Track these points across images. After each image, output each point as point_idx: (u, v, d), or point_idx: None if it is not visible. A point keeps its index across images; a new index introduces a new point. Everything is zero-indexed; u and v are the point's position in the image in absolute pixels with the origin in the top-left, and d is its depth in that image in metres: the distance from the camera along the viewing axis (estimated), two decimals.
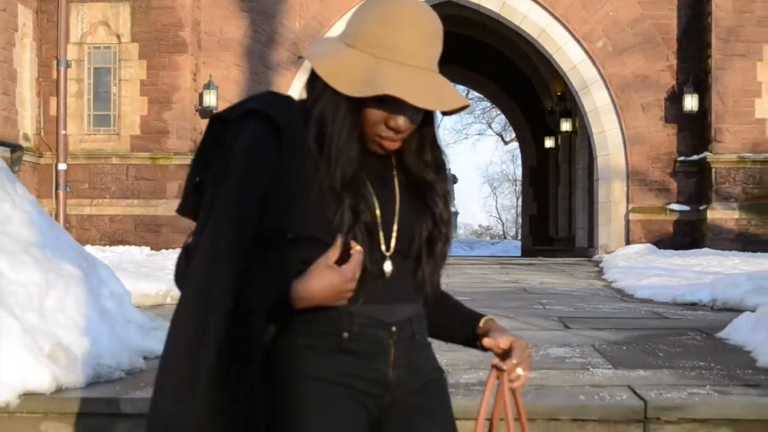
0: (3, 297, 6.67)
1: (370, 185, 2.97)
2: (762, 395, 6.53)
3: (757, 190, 21.23)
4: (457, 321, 3.28)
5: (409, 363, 3.03)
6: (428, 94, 2.83)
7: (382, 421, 3.06)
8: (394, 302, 3.00)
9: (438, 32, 2.93)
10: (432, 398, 3.13)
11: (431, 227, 3.02)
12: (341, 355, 2.94)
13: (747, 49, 21.29)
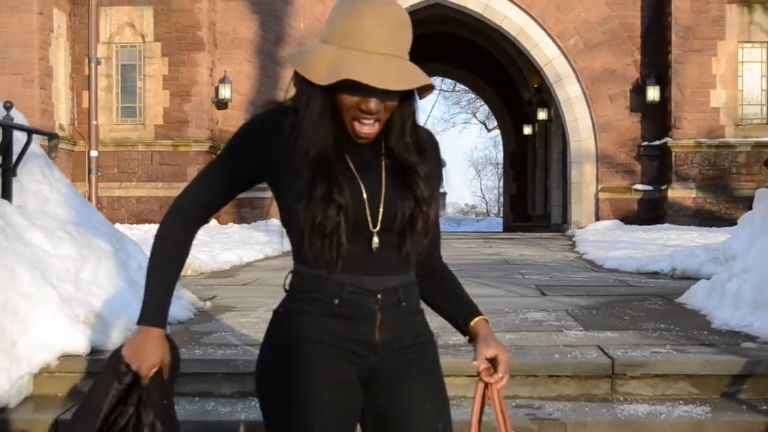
0: (42, 269, 6.69)
1: (357, 170, 3.01)
2: (716, 353, 6.56)
3: (711, 172, 21.24)
4: (452, 310, 3.31)
5: (394, 327, 3.06)
6: (386, 76, 2.83)
7: (371, 380, 3.09)
8: (381, 273, 3.03)
9: (401, 24, 2.93)
10: (420, 359, 3.14)
11: (413, 206, 3.01)
12: (332, 319, 2.99)
13: (703, 46, 21.28)
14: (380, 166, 3.06)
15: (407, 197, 3.02)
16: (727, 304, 7.90)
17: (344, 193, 2.93)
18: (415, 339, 3.14)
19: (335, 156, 2.99)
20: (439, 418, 3.14)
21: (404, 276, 3.10)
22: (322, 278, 3.00)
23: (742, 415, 5.71)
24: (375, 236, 3.00)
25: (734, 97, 21.42)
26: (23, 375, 6.04)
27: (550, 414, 5.68)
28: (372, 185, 3.02)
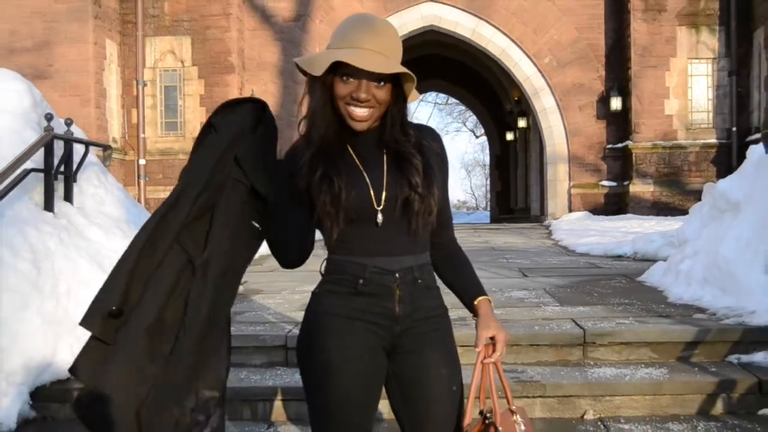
0: (99, 261, 6.69)
1: (360, 163, 3.06)
2: (671, 323, 6.55)
3: (666, 170, 21.20)
4: (461, 288, 3.28)
5: (412, 301, 3.06)
6: (368, 62, 2.91)
7: (393, 348, 3.10)
8: (396, 255, 3.04)
9: (386, 32, 3.03)
10: (435, 330, 3.14)
11: (408, 191, 3.02)
12: (358, 297, 3.01)
13: (657, 62, 21.23)
14: (381, 160, 3.08)
15: (403, 183, 3.02)
16: (681, 281, 7.89)
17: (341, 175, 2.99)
18: (431, 311, 3.14)
19: (336, 146, 3.06)
20: (452, 381, 3.13)
21: (418, 256, 3.11)
22: (347, 262, 3.05)
23: (694, 376, 5.71)
24: (379, 213, 3.01)
25: (685, 106, 21.40)
26: None
27: (532, 377, 5.69)
28: (374, 174, 3.05)
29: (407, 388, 3.14)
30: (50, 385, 5.68)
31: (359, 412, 3.08)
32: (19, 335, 5.59)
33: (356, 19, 3.05)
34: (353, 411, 3.06)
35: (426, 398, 3.13)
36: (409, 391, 3.14)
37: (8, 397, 5.30)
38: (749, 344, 6.10)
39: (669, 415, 5.47)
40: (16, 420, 5.29)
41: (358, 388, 3.03)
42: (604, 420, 5.41)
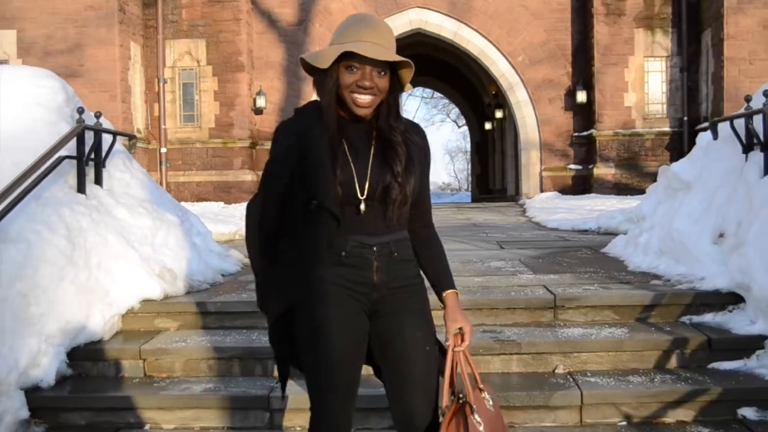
0: (126, 236, 6.68)
1: (350, 153, 3.09)
2: (631, 289, 6.56)
3: (626, 154, 21.23)
4: (432, 277, 3.32)
5: (389, 271, 3.14)
6: (373, 51, 2.96)
7: (374, 312, 3.18)
8: (374, 233, 3.11)
9: (382, 27, 3.09)
10: (410, 297, 3.22)
11: (390, 179, 3.08)
12: (341, 267, 3.09)
13: (617, 60, 21.22)
14: (369, 150, 3.12)
15: (386, 171, 3.08)
16: (639, 252, 7.90)
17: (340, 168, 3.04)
18: (407, 280, 3.22)
19: (337, 139, 3.09)
20: (426, 342, 3.22)
21: (395, 234, 3.16)
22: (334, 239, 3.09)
23: (651, 334, 5.72)
24: (362, 203, 3.07)
25: (642, 98, 21.41)
26: (114, 315, 6.05)
27: (509, 337, 5.70)
28: (361, 163, 3.09)
29: (386, 347, 3.21)
30: (84, 346, 5.68)
31: (344, 368, 3.13)
32: (56, 302, 5.59)
33: (356, 17, 3.11)
34: (339, 367, 3.11)
35: (401, 356, 3.19)
36: (387, 350, 3.21)
37: (47, 357, 5.31)
38: (699, 306, 6.11)
39: (629, 369, 5.48)
40: (55, 377, 5.29)
41: (343, 346, 3.09)
42: (573, 374, 5.41)
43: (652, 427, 4.86)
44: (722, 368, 5.39)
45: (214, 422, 5.06)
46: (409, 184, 3.11)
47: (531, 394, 5.02)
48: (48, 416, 5.09)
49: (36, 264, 5.63)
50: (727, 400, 4.96)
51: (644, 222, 8.32)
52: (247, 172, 21.53)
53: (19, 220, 5.76)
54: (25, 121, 6.94)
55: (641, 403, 4.99)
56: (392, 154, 3.10)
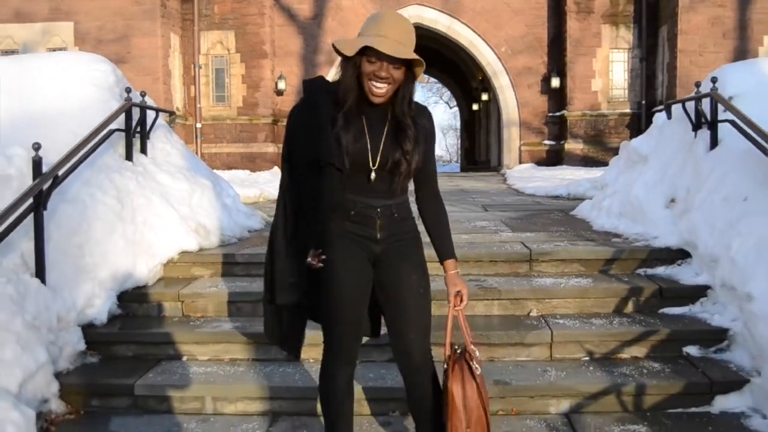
0: (167, 198, 6.69)
1: (368, 128, 3.16)
2: (596, 245, 6.57)
3: (592, 132, 21.21)
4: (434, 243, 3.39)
5: (389, 228, 3.24)
6: (390, 48, 2.99)
7: (377, 261, 3.29)
8: (380, 197, 3.20)
9: (404, 26, 3.10)
10: (408, 247, 3.32)
11: (400, 155, 3.16)
12: (350, 223, 3.20)
13: (587, 51, 21.15)
14: (384, 128, 3.17)
15: (397, 149, 3.15)
16: (603, 214, 7.90)
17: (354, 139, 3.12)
18: (404, 234, 3.32)
19: (356, 114, 3.14)
20: (420, 284, 3.33)
21: (397, 198, 3.25)
22: (345, 198, 3.19)
23: (612, 284, 5.74)
24: (372, 172, 3.15)
25: (607, 84, 21.35)
26: (156, 265, 6.07)
27: (491, 285, 5.71)
28: (375, 139, 3.15)
29: (386, 289, 3.31)
30: (131, 291, 5.71)
31: (350, 305, 3.25)
32: (107, 253, 5.62)
33: (384, 13, 3.13)
34: (346, 303, 3.24)
35: (399, 297, 3.30)
36: (387, 291, 3.31)
37: (101, 299, 5.34)
38: (653, 261, 6.12)
39: (592, 312, 5.50)
40: (107, 316, 5.33)
41: (349, 286, 3.22)
42: (545, 316, 5.43)
43: (610, 362, 4.89)
44: (671, 313, 5.42)
45: (241, 355, 5.10)
46: (414, 160, 3.18)
47: (509, 333, 5.05)
48: (101, 348, 5.13)
49: (90, 221, 5.64)
50: (674, 339, 5.00)
51: (607, 189, 8.31)
52: (269, 145, 21.52)
53: (76, 184, 5.76)
54: (81, 98, 6.92)
55: (602, 341, 5.02)
56: (403, 136, 3.16)
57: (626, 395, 4.48)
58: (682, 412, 4.42)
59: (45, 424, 4.33)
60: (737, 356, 4.79)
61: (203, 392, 4.60)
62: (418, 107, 3.27)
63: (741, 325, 4.86)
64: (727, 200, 5.67)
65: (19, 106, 6.69)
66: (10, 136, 5.71)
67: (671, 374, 4.63)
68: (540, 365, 4.87)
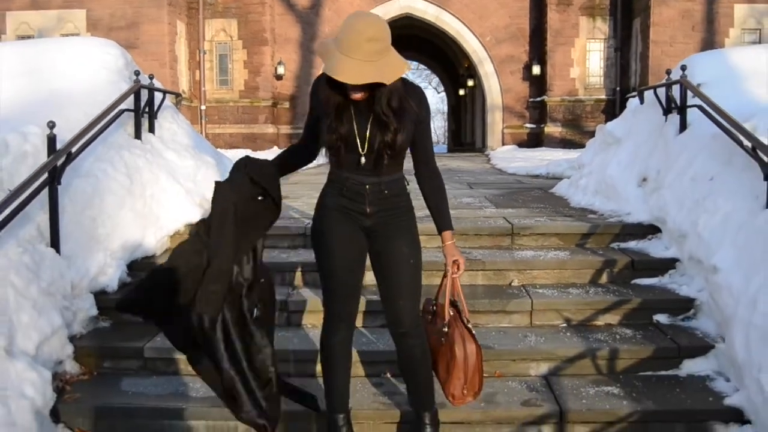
0: (174, 174, 6.64)
1: (355, 118, 3.19)
2: (573, 221, 6.57)
3: (570, 116, 21.21)
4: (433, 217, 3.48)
5: (378, 204, 3.30)
6: (351, 75, 2.94)
7: (371, 234, 3.36)
8: (369, 175, 3.26)
9: (372, 37, 2.96)
10: (399, 221, 3.37)
11: (382, 141, 3.19)
12: (342, 198, 3.30)
13: (566, 41, 21.11)
14: (369, 117, 3.17)
15: (379, 135, 3.18)
16: (579, 192, 7.91)
17: (342, 127, 3.16)
18: (396, 209, 3.38)
19: (343, 104, 3.16)
20: (411, 256, 3.35)
21: (386, 177, 3.29)
22: (338, 175, 3.30)
23: (587, 256, 5.75)
24: (362, 157, 3.22)
25: (584, 72, 21.33)
26: (163, 236, 6.04)
27: (476, 257, 5.71)
28: (362, 127, 3.19)
29: (380, 259, 3.38)
30: (140, 260, 5.69)
31: (345, 272, 3.35)
32: (118, 225, 5.58)
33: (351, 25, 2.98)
34: (341, 270, 3.34)
35: (392, 267, 3.36)
36: (380, 261, 3.38)
37: (112, 268, 5.31)
38: (626, 235, 6.13)
39: (570, 283, 5.51)
40: (118, 283, 5.30)
41: (343, 253, 3.32)
42: (525, 286, 5.44)
43: (586, 329, 4.90)
44: (642, 284, 5.43)
45: None
46: (396, 144, 3.19)
47: (492, 302, 5.05)
48: (112, 314, 5.10)
49: (102, 195, 5.61)
50: (645, 308, 5.01)
51: (584, 169, 8.31)
52: (269, 126, 21.45)
53: (89, 159, 5.72)
54: (93, 80, 6.87)
55: (578, 309, 5.02)
56: (385, 123, 3.15)
57: (600, 359, 4.49)
58: (652, 375, 4.44)
59: (60, 384, 4.32)
60: (703, 324, 4.81)
61: None
62: (409, 88, 3.25)
63: (707, 295, 4.87)
64: (695, 180, 5.67)
65: (35, 87, 6.64)
66: (26, 115, 5.66)
67: (642, 340, 4.65)
68: (521, 331, 4.88)
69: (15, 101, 6.33)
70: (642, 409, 3.97)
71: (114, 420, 4.08)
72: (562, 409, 3.99)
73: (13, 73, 6.92)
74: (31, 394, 3.85)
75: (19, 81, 6.79)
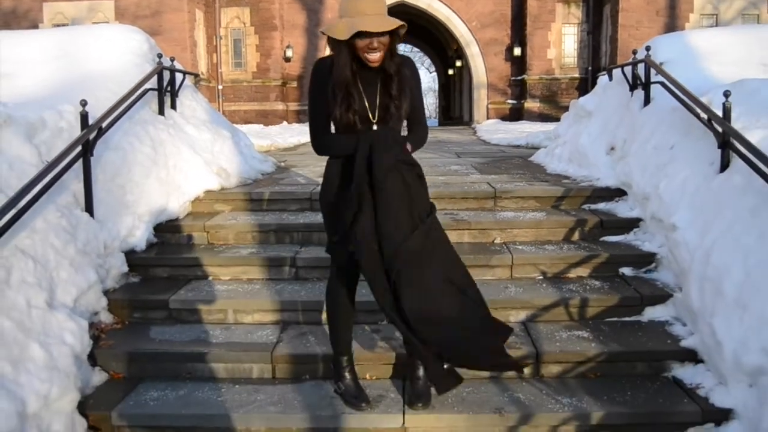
0: (194, 146, 6.60)
1: (363, 90, 3.13)
2: (549, 185, 6.53)
3: (548, 93, 21.13)
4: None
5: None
6: (379, 24, 2.94)
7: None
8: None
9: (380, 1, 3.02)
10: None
11: (390, 103, 3.14)
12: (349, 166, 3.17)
13: (543, 25, 20.97)
14: (377, 87, 3.14)
15: (387, 98, 3.13)
16: (555, 160, 7.87)
17: (356, 102, 3.10)
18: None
19: (352, 82, 3.10)
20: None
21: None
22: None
23: (562, 216, 5.73)
24: (374, 125, 3.15)
25: (560, 53, 21.19)
26: (185, 202, 6.02)
27: (462, 218, 5.70)
28: (372, 97, 3.14)
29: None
30: (165, 223, 5.67)
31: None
32: (144, 192, 5.56)
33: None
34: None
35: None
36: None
37: (140, 230, 5.30)
38: (596, 198, 6.11)
39: (546, 240, 5.51)
40: (145, 244, 5.29)
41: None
42: (507, 243, 5.43)
43: (560, 280, 4.91)
44: (610, 240, 5.43)
45: (257, 275, 5.09)
46: (402, 107, 3.16)
47: (477, 257, 5.05)
48: (140, 270, 5.11)
49: (130, 165, 5.58)
50: (612, 262, 5.01)
51: (559, 139, 8.27)
52: (279, 104, 21.35)
53: (117, 134, 5.68)
54: (120, 63, 6.81)
55: (553, 263, 5.03)
56: (391, 84, 3.12)
57: (572, 307, 4.50)
58: (617, 321, 4.46)
59: (96, 332, 4.34)
60: (663, 276, 4.82)
61: (226, 306, 4.60)
62: (402, 59, 3.24)
63: (666, 250, 4.88)
64: (657, 148, 5.64)
65: (69, 69, 6.58)
66: (61, 95, 5.61)
67: (609, 290, 4.65)
68: (502, 283, 4.88)
69: (51, 82, 6.28)
70: (608, 350, 4.00)
71: (144, 364, 4.11)
72: (538, 351, 4.01)
73: (49, 57, 6.86)
74: (70, 341, 3.87)
75: (55, 64, 6.73)
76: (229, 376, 4.04)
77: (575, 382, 3.90)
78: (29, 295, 3.85)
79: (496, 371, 3.78)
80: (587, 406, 3.59)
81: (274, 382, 3.97)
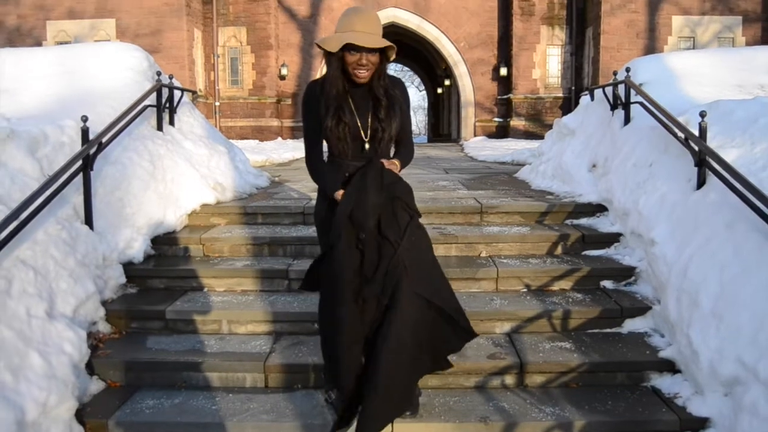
0: (191, 161, 6.59)
1: (354, 105, 3.13)
2: (533, 201, 6.53)
3: (532, 112, 21.16)
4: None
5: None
6: (365, 40, 2.96)
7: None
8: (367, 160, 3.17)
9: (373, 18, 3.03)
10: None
11: (379, 125, 3.14)
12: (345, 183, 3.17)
13: (529, 46, 21.03)
14: (368, 105, 3.14)
15: (377, 122, 3.13)
16: (539, 177, 7.89)
17: (346, 116, 3.08)
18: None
19: (343, 98, 3.10)
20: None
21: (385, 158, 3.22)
22: (339, 163, 3.20)
23: (545, 231, 5.74)
24: (366, 143, 3.15)
25: (544, 73, 21.26)
26: (182, 215, 6.00)
27: (450, 232, 5.70)
28: (363, 116, 3.14)
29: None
30: (162, 235, 5.65)
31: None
32: (143, 205, 5.55)
33: (354, 10, 3.04)
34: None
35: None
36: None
37: (138, 242, 5.28)
38: (578, 213, 6.13)
39: (530, 254, 5.51)
40: (143, 255, 5.27)
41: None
42: (492, 257, 5.44)
43: (543, 293, 4.92)
44: (591, 254, 5.45)
45: (251, 287, 5.08)
46: (390, 127, 3.15)
47: (464, 270, 5.05)
48: (138, 282, 5.09)
49: (129, 179, 5.56)
50: (594, 275, 5.02)
51: (543, 157, 8.30)
52: (274, 120, 21.33)
53: (117, 148, 5.67)
54: (120, 80, 6.80)
55: (537, 276, 5.03)
56: (379, 107, 3.12)
57: (555, 319, 4.51)
58: (598, 332, 4.47)
59: (94, 342, 4.31)
60: (642, 289, 4.84)
61: (220, 317, 4.58)
62: (392, 80, 3.25)
63: (645, 264, 4.90)
64: (636, 165, 5.68)
65: (70, 85, 6.57)
66: (62, 110, 5.60)
67: (591, 302, 4.67)
68: (488, 295, 4.89)
69: (53, 98, 6.27)
70: (590, 361, 4.00)
71: (140, 373, 4.08)
72: (522, 361, 4.01)
73: (51, 74, 6.85)
74: (69, 350, 3.84)
75: (57, 80, 6.72)
76: (223, 385, 4.02)
77: (558, 391, 3.90)
78: (29, 305, 3.82)
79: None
80: (570, 415, 3.59)
81: (266, 392, 3.95)
